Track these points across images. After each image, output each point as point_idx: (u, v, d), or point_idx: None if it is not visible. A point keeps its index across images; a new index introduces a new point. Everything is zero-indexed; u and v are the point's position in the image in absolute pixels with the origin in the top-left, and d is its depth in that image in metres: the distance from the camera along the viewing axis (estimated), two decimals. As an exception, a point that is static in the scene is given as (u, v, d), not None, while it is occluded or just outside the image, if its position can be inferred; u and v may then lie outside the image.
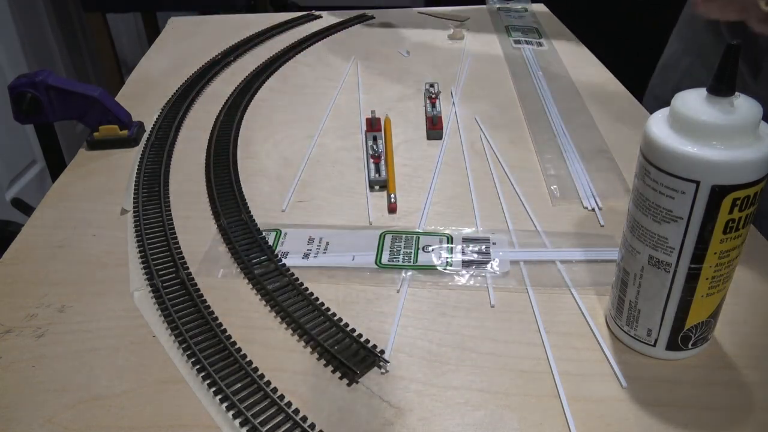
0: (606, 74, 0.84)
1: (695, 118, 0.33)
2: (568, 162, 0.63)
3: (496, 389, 0.39)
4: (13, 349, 0.43)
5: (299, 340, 0.43)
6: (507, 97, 0.78)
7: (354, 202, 0.59)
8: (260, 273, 0.49)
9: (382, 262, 0.50)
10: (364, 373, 0.41)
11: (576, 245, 0.52)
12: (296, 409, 0.38)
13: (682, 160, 0.33)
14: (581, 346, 0.42)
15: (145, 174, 0.62)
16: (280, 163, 0.65)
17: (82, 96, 0.66)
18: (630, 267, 0.39)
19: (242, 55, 0.93)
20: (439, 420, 0.38)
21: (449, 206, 0.58)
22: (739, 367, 0.40)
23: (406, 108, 0.76)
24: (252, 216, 0.56)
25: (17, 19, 1.62)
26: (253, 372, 0.40)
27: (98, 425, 0.37)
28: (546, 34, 0.98)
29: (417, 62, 0.90)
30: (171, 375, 0.41)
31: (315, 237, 0.53)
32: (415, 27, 1.04)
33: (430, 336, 0.44)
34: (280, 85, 0.84)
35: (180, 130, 0.72)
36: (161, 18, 2.08)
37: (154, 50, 0.96)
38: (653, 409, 0.38)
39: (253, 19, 1.07)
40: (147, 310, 0.46)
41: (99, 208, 0.58)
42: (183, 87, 0.81)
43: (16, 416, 0.38)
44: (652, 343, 0.40)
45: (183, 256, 0.51)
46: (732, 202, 0.33)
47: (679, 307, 0.38)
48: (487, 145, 0.67)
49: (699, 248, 0.35)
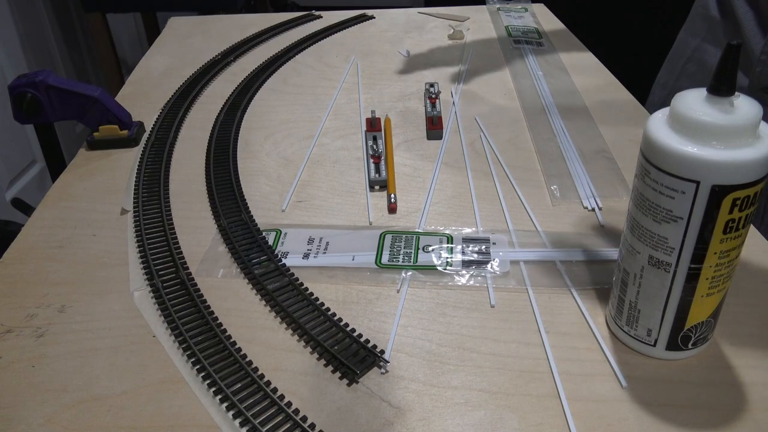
0: (606, 74, 0.84)
1: (695, 118, 0.33)
2: (568, 162, 0.63)
3: (496, 389, 0.39)
4: (13, 349, 0.43)
5: (299, 340, 0.43)
6: (507, 97, 0.78)
7: (354, 202, 0.59)
8: (260, 273, 0.49)
9: (382, 262, 0.50)
10: (364, 373, 0.41)
11: (576, 245, 0.52)
12: (296, 409, 0.38)
13: (682, 160, 0.33)
14: (581, 346, 0.42)
15: (145, 174, 0.62)
16: (280, 163, 0.65)
17: (82, 96, 0.66)
18: (630, 267, 0.39)
19: (242, 55, 0.93)
20: (439, 420, 0.38)
21: (449, 206, 0.58)
22: (739, 367, 0.40)
23: (406, 108, 0.76)
24: (252, 216, 0.56)
25: (17, 19, 1.62)
26: (253, 372, 0.40)
27: (98, 425, 0.37)
28: (546, 34, 0.98)
29: (417, 62, 0.90)
30: (171, 375, 0.41)
31: (315, 237, 0.53)
32: (415, 27, 1.04)
33: (430, 336, 0.44)
34: (280, 85, 0.84)
35: (180, 130, 0.72)
36: (161, 18, 2.09)
37: (154, 50, 0.96)
38: (653, 409, 0.38)
39: (253, 19, 1.07)
40: (147, 310, 0.46)
41: (99, 208, 0.58)
42: (183, 87, 0.81)
43: (16, 416, 0.38)
44: (652, 343, 0.40)
45: (183, 256, 0.51)
46: (732, 202, 0.33)
47: (679, 307, 0.38)
48: (487, 145, 0.67)
49: (699, 248, 0.35)
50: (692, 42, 0.79)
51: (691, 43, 0.79)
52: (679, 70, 0.81)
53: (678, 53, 0.82)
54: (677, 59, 0.82)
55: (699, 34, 0.78)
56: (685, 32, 0.82)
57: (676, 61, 0.82)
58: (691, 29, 0.81)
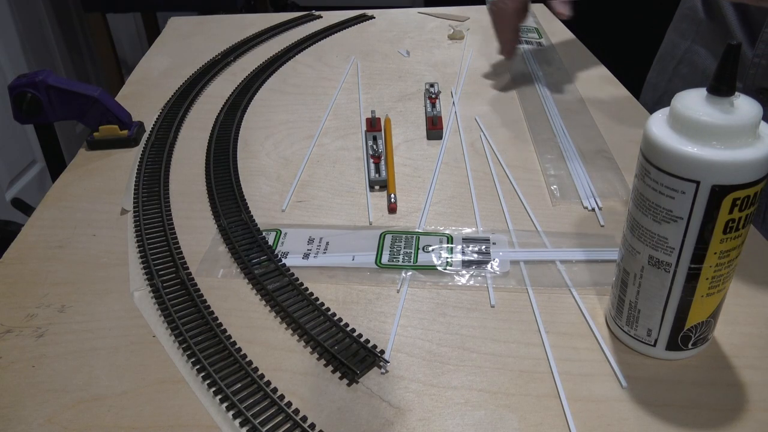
0: (606, 74, 0.84)
1: (695, 118, 0.33)
2: (568, 162, 0.63)
3: (496, 389, 0.39)
4: (13, 349, 0.43)
5: (299, 340, 0.43)
6: (507, 97, 0.78)
7: (354, 202, 0.59)
8: (260, 273, 0.49)
9: (382, 262, 0.50)
10: (364, 373, 0.41)
11: (576, 245, 0.52)
12: (296, 409, 0.38)
13: (682, 160, 0.33)
14: (581, 346, 0.42)
15: (145, 174, 0.62)
16: (280, 163, 0.65)
17: (82, 96, 0.66)
18: (630, 267, 0.39)
19: (242, 55, 0.93)
20: (439, 420, 0.38)
21: (449, 206, 0.58)
22: (739, 367, 0.40)
23: (406, 108, 0.76)
24: (252, 216, 0.56)
25: (17, 19, 1.62)
26: (253, 372, 0.40)
27: (98, 425, 0.37)
28: (546, 34, 0.98)
29: (417, 62, 0.90)
30: (171, 375, 0.41)
31: (315, 237, 0.53)
32: (415, 27, 1.04)
33: (430, 336, 0.44)
34: (280, 85, 0.84)
35: (180, 130, 0.72)
36: (161, 18, 2.09)
37: (154, 50, 0.96)
38: (653, 409, 0.38)
39: (253, 19, 1.07)
40: (147, 310, 0.46)
41: (99, 208, 0.58)
42: (183, 87, 0.81)
43: (16, 416, 0.38)
44: (652, 343, 0.40)
45: (183, 256, 0.51)
46: (732, 202, 0.33)
47: (679, 307, 0.38)
48: (487, 145, 0.67)
49: (699, 248, 0.35)
50: (682, 44, 0.79)
51: (681, 45, 0.79)
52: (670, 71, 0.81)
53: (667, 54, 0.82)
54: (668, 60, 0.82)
55: (688, 35, 0.78)
56: (672, 32, 0.82)
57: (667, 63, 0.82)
58: (678, 30, 0.81)
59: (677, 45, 0.80)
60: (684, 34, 0.79)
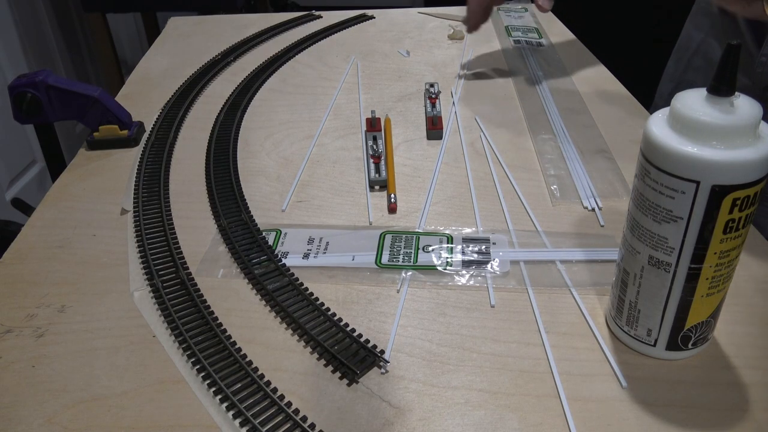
0: (606, 74, 0.84)
1: (695, 118, 0.33)
2: (568, 162, 0.63)
3: (496, 389, 0.39)
4: (13, 349, 0.43)
5: (299, 340, 0.43)
6: (507, 97, 0.78)
7: (354, 202, 0.59)
8: (260, 273, 0.49)
9: (382, 262, 0.50)
10: (364, 373, 0.41)
11: (576, 245, 0.52)
12: (296, 409, 0.38)
13: (682, 160, 0.33)
14: (581, 346, 0.42)
15: (145, 174, 0.62)
16: (280, 163, 0.65)
17: (82, 96, 0.66)
18: (630, 267, 0.39)
19: (242, 55, 0.93)
20: (439, 420, 0.38)
21: (449, 206, 0.58)
22: (739, 367, 0.40)
23: (406, 108, 0.76)
24: (252, 216, 0.56)
25: (17, 19, 1.62)
26: (253, 372, 0.40)
27: (98, 425, 0.37)
28: (546, 34, 0.98)
29: (417, 62, 0.90)
30: (171, 375, 0.41)
31: (315, 237, 0.53)
32: (415, 27, 1.04)
33: (430, 336, 0.44)
34: (280, 85, 0.84)
35: (180, 130, 0.72)
36: (161, 18, 2.09)
37: (154, 50, 0.96)
38: (653, 409, 0.38)
39: (253, 19, 1.07)
40: (147, 310, 0.46)
41: (99, 208, 0.58)
42: (183, 87, 0.81)
43: (16, 416, 0.38)
44: (652, 343, 0.40)
45: (183, 256, 0.51)
46: (732, 202, 0.33)
47: (679, 307, 0.38)
48: (487, 145, 0.67)
49: (699, 248, 0.35)
50: (697, 36, 0.80)
51: (696, 37, 0.80)
52: (685, 62, 0.81)
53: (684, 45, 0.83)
54: (684, 51, 0.83)
55: (703, 28, 0.79)
56: (690, 24, 0.83)
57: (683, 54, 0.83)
58: (695, 22, 0.81)
59: (693, 37, 0.81)
60: (700, 27, 0.80)
